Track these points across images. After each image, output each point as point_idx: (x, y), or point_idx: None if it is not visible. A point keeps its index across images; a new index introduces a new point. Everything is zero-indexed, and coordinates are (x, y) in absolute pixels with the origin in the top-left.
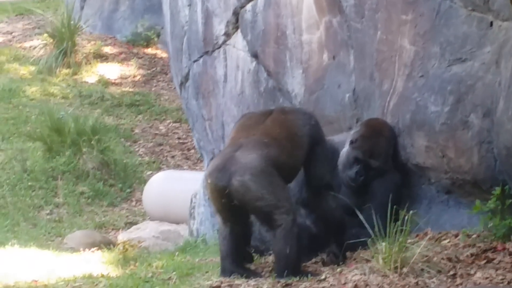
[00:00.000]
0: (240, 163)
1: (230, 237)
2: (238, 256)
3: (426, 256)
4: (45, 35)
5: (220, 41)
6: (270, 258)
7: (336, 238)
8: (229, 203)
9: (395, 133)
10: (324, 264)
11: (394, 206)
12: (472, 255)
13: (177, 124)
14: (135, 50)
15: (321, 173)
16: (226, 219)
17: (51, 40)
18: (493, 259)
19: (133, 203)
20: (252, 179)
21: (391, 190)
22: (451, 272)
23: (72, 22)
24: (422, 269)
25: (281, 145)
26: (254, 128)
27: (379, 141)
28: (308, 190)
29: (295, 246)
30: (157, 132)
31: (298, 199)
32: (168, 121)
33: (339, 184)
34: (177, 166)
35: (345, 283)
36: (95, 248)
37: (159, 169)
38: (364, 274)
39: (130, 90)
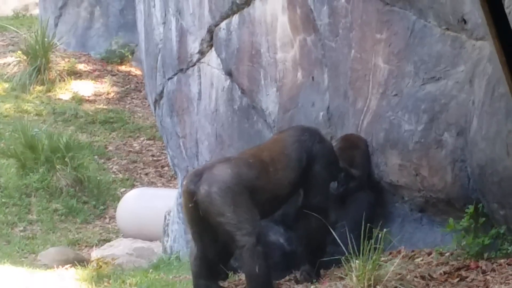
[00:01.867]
0: (212, 174)
1: (201, 257)
2: (211, 274)
3: (400, 274)
4: (19, 52)
5: (195, 59)
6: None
7: (310, 257)
8: (196, 212)
9: (369, 149)
10: (298, 282)
11: (368, 224)
12: (445, 273)
13: (151, 142)
14: (109, 68)
15: (315, 197)
16: (195, 234)
17: (25, 57)
18: (466, 277)
19: (107, 220)
20: (217, 192)
21: (365, 208)
22: None
23: (46, 39)
24: (395, 287)
25: (264, 168)
26: (255, 147)
27: (357, 152)
28: (296, 206)
29: (263, 265)
30: (131, 149)
31: (273, 216)
32: (142, 139)
33: None
34: (151, 184)
35: None
36: (69, 265)
37: (132, 186)
38: None
39: (104, 107)
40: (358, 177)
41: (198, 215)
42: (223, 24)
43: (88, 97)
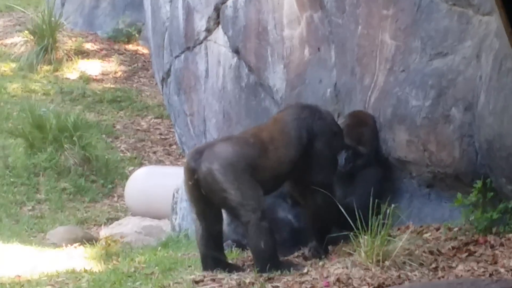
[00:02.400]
0: (213, 151)
1: (206, 235)
2: (217, 250)
3: (408, 249)
4: (26, 32)
5: (202, 37)
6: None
7: (318, 233)
8: (197, 189)
9: (376, 125)
10: (306, 258)
11: (376, 200)
12: (453, 248)
13: (158, 120)
14: (116, 47)
15: (319, 173)
16: (198, 212)
17: (32, 37)
18: (475, 252)
19: (115, 199)
20: (218, 169)
21: (373, 184)
22: (433, 265)
23: (53, 19)
24: (404, 262)
25: (264, 147)
26: (255, 127)
27: (365, 129)
28: (302, 184)
29: (269, 240)
30: (138, 128)
31: (282, 191)
32: (149, 117)
33: None
34: (159, 162)
35: (327, 277)
36: (77, 243)
37: (140, 164)
38: (347, 268)
39: (112, 86)
40: (365, 154)
41: (200, 193)
42: (229, 2)
43: (96, 76)
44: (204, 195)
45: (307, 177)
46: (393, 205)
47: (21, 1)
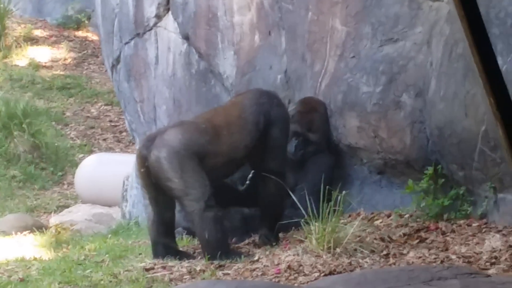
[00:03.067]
0: (163, 139)
1: (157, 221)
2: (168, 238)
3: (359, 236)
4: None
5: (151, 23)
6: None
7: (269, 220)
8: (148, 176)
9: (327, 112)
10: (257, 245)
11: (327, 187)
12: (404, 234)
13: (108, 107)
14: (65, 33)
15: (272, 160)
16: (150, 199)
17: None
18: (426, 238)
19: (65, 186)
20: (165, 157)
21: (324, 171)
22: (384, 252)
23: (2, 5)
24: (355, 249)
25: (217, 133)
26: (212, 110)
27: (316, 116)
28: (255, 171)
29: (213, 230)
30: (88, 115)
31: (233, 178)
32: (99, 104)
33: None
34: (109, 149)
35: (278, 264)
36: (27, 231)
37: (91, 152)
38: (298, 255)
39: (61, 73)
40: (316, 141)
41: (151, 180)
42: None
43: (45, 63)
44: (155, 183)
45: (259, 164)
46: (344, 192)
47: None
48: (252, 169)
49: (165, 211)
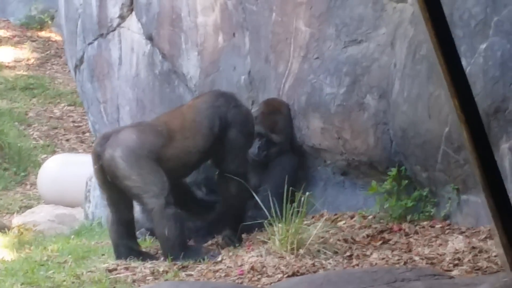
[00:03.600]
0: (117, 138)
1: (117, 221)
2: (129, 237)
3: (322, 237)
4: None
5: (115, 24)
6: None
7: (231, 222)
8: (103, 175)
9: (290, 113)
10: (220, 246)
11: (290, 188)
12: (368, 236)
13: (72, 107)
14: (29, 33)
15: (232, 162)
16: (108, 199)
17: None
18: (389, 240)
19: (28, 187)
20: (121, 156)
21: (287, 172)
22: (347, 253)
23: None
24: (318, 250)
25: (171, 136)
26: (170, 112)
27: (279, 117)
28: (217, 172)
29: (173, 227)
30: (51, 115)
31: (196, 179)
32: (62, 104)
33: None
34: (72, 150)
35: (241, 265)
36: None
37: (54, 152)
38: (261, 256)
39: (24, 73)
40: (279, 142)
41: (107, 179)
42: None
43: (8, 63)
44: (110, 182)
45: (220, 166)
46: (307, 193)
47: None
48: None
49: (124, 212)
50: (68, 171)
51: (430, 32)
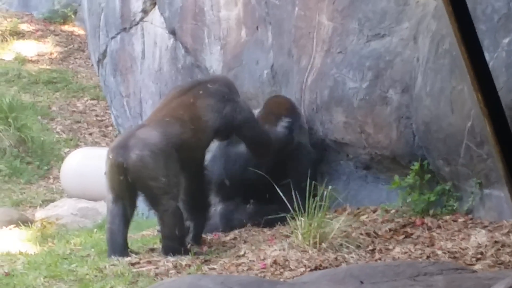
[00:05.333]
0: (140, 138)
1: (121, 219)
2: (126, 237)
3: (345, 231)
4: None
5: (138, 18)
6: None
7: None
8: (125, 181)
9: (297, 109)
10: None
11: (312, 182)
12: (390, 230)
13: (94, 102)
14: (52, 28)
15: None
16: (118, 197)
17: None
18: (412, 234)
19: (51, 181)
20: (150, 155)
21: (306, 166)
22: (370, 247)
23: None
24: (341, 244)
25: (184, 127)
26: (164, 108)
27: (273, 116)
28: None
29: (182, 226)
30: (74, 109)
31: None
32: (85, 99)
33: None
34: (95, 144)
35: (264, 259)
36: (13, 225)
37: (76, 146)
38: (283, 250)
39: (47, 67)
40: (285, 137)
41: (127, 184)
42: None
43: (31, 57)
44: (129, 184)
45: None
46: (330, 187)
47: None
48: None
49: (128, 210)
50: (91, 165)
51: (453, 26)
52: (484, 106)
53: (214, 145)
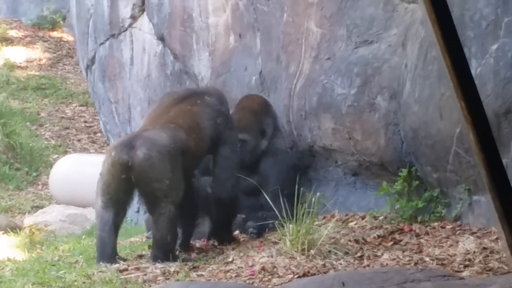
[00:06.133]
0: (147, 138)
1: (113, 223)
2: (115, 241)
3: (333, 238)
4: None
5: (126, 24)
6: None
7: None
8: (127, 181)
9: (273, 110)
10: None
11: (296, 187)
12: (379, 236)
13: (83, 108)
14: (40, 34)
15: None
16: (112, 201)
17: None
18: (400, 240)
19: (40, 187)
20: (158, 156)
21: (289, 173)
22: (358, 254)
23: None
24: (329, 251)
25: (187, 133)
26: (163, 115)
27: (246, 115)
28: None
29: (175, 233)
30: (63, 115)
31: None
32: (74, 105)
33: None
34: (84, 150)
35: (252, 266)
36: (1, 232)
37: (65, 152)
38: (272, 256)
39: (36, 73)
40: (247, 140)
41: (128, 184)
42: None
43: (20, 63)
44: (129, 185)
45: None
46: (318, 194)
47: None
48: None
49: (120, 214)
50: (80, 171)
51: (437, 33)
52: (468, 114)
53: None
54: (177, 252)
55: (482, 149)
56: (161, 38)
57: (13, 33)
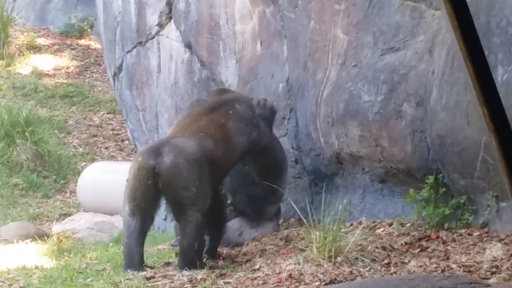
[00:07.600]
0: (175, 145)
1: (140, 231)
2: (142, 249)
3: (360, 245)
4: None
5: (154, 32)
6: None
7: None
8: (154, 187)
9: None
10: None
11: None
12: (406, 243)
13: (110, 115)
14: (68, 41)
15: None
16: (140, 209)
17: None
18: (427, 247)
19: (67, 195)
20: (185, 163)
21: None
22: (385, 261)
23: (5, 14)
24: (356, 258)
25: (216, 144)
26: (194, 123)
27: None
28: None
29: (202, 241)
30: (91, 123)
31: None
32: (102, 112)
33: None
34: (111, 157)
35: (279, 273)
36: (29, 239)
37: (93, 160)
38: (299, 264)
39: (64, 81)
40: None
41: (155, 190)
42: None
43: (48, 71)
44: (156, 192)
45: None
46: (345, 201)
47: None
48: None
49: (147, 221)
50: (107, 179)
51: (459, 40)
52: (490, 121)
53: None
54: (204, 260)
55: (504, 156)
56: (188, 46)
57: (41, 41)
